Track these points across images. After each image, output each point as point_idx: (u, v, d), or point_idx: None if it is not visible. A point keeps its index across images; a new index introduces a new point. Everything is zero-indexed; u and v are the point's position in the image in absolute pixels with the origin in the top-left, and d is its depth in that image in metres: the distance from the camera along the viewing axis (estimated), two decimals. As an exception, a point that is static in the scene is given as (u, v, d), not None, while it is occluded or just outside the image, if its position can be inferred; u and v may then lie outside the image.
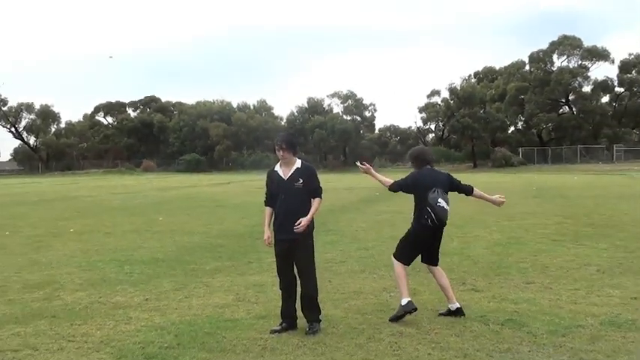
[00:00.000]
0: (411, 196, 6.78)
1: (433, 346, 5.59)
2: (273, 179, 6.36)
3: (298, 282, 6.30)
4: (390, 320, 6.34)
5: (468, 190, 7.18)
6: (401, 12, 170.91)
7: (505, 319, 6.35)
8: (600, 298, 7.21)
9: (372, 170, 7.18)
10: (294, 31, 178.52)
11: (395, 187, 6.83)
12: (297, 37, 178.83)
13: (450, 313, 6.49)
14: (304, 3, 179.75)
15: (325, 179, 6.07)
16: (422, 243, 6.65)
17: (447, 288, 6.61)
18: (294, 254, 6.18)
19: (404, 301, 6.36)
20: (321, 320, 6.18)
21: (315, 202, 6.23)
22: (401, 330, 6.06)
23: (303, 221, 6.04)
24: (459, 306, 6.49)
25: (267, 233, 6.40)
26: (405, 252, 6.68)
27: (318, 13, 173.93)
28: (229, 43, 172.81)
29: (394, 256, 6.71)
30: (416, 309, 6.35)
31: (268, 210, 6.44)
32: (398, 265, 6.61)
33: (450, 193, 6.81)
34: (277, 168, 6.36)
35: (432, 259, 6.75)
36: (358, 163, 7.32)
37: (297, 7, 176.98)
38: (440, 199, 6.44)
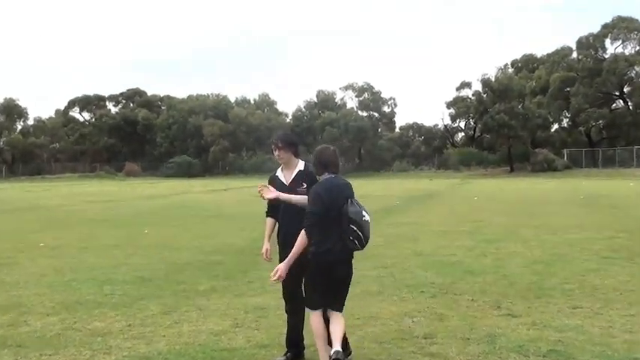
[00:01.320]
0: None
1: (463, 381, 5.58)
2: (274, 186, 6.36)
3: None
4: None
5: None
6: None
7: (547, 349, 6.33)
8: (659, 326, 7.17)
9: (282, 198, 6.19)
10: (302, 19, 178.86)
11: (312, 225, 5.71)
12: (305, 25, 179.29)
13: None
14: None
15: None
16: (334, 276, 5.80)
17: (336, 334, 5.69)
18: (302, 272, 6.12)
19: (332, 352, 5.53)
20: (348, 349, 6.15)
21: None
22: (425, 362, 6.05)
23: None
24: (339, 349, 5.54)
25: (266, 246, 6.42)
26: (312, 293, 5.89)
27: (329, 2, 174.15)
28: (226, 30, 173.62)
29: (305, 305, 6.00)
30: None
31: (270, 221, 6.45)
32: (313, 317, 5.83)
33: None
34: (279, 173, 6.38)
35: (337, 301, 5.89)
36: (259, 188, 6.31)
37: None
38: (364, 212, 5.72)
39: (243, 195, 36.52)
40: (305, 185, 6.12)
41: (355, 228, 5.65)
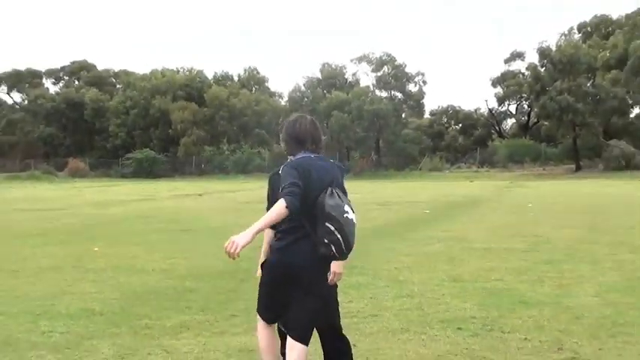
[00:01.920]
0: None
1: None
2: (276, 187, 6.21)
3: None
4: None
5: None
6: None
7: (624, 404, 6.36)
8: None
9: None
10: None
11: (294, 200, 5.39)
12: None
13: None
14: None
15: (349, 189, 6.04)
16: (286, 285, 5.73)
17: None
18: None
19: None
20: None
21: None
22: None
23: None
24: None
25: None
26: (260, 299, 6.05)
27: None
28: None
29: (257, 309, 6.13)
30: None
31: (268, 231, 6.35)
32: (258, 326, 6.07)
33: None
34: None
35: (295, 323, 5.79)
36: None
37: None
38: (346, 207, 5.53)
39: (224, 202, 36.57)
40: None
41: (333, 228, 5.44)
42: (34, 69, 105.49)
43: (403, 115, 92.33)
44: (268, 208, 6.04)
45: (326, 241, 5.41)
